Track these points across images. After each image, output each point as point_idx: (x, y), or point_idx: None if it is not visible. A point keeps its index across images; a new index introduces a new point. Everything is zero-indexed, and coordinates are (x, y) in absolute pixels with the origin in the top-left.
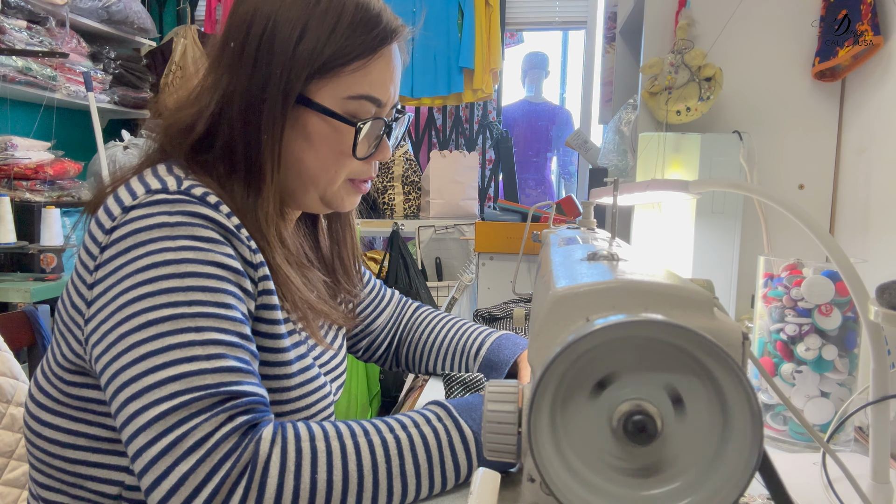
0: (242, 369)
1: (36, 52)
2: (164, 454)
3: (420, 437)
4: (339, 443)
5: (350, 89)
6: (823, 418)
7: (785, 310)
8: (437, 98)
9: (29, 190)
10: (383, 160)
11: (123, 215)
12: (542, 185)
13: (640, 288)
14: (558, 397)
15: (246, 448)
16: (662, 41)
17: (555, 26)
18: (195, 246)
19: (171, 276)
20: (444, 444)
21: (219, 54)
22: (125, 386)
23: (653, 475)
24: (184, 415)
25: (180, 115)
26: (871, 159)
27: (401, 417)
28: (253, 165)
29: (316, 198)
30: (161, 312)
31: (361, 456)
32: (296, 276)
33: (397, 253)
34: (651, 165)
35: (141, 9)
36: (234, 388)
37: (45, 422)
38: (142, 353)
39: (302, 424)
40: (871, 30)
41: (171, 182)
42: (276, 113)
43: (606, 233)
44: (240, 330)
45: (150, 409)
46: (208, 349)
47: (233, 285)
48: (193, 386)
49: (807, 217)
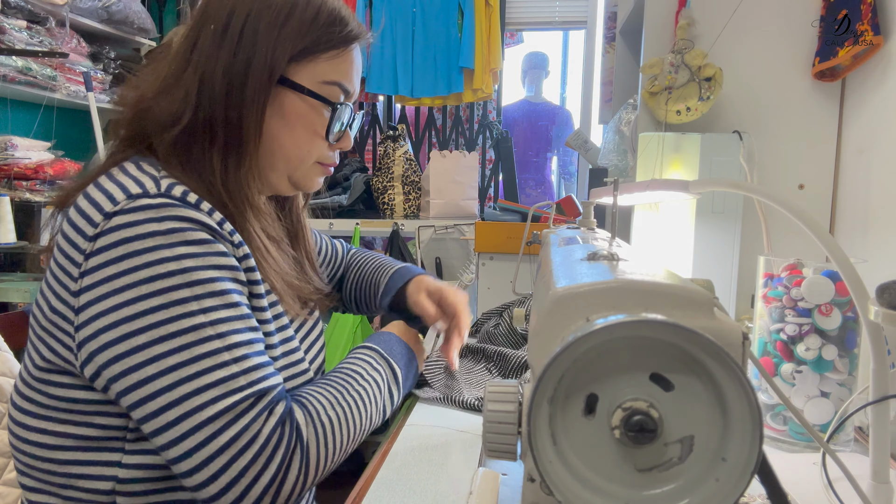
0: (264, 364)
1: (36, 52)
2: (220, 453)
3: (374, 381)
4: (343, 404)
5: (326, 74)
6: (823, 418)
7: (785, 310)
8: (437, 98)
9: (29, 190)
10: (346, 149)
11: (106, 222)
12: (542, 185)
13: (640, 288)
14: (558, 397)
15: (291, 436)
16: (662, 41)
17: (555, 26)
18: (192, 252)
19: (179, 286)
20: (389, 381)
21: (194, 37)
22: (157, 395)
23: (653, 475)
24: (231, 416)
25: (163, 103)
26: (871, 159)
27: (354, 367)
28: (232, 141)
29: (285, 177)
30: (181, 324)
31: (360, 409)
32: (273, 248)
33: (397, 253)
34: (651, 165)
35: (141, 9)
36: (264, 385)
37: (32, 426)
38: (171, 364)
39: (311, 397)
40: (871, 30)
41: (149, 183)
42: (259, 90)
43: (606, 233)
44: (250, 325)
45: (194, 413)
46: (233, 353)
47: (233, 282)
48: (231, 389)
49: (807, 217)
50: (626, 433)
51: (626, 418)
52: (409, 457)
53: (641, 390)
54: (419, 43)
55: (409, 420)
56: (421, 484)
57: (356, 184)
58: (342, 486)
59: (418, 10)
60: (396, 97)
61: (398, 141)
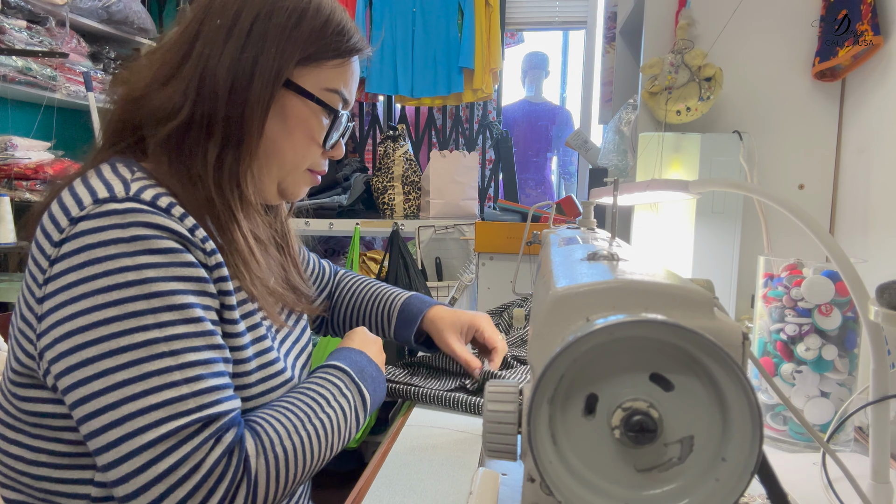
0: (219, 386)
1: (36, 52)
2: (157, 481)
3: (340, 409)
4: (303, 433)
5: (330, 82)
6: (823, 418)
7: (785, 310)
8: (437, 98)
9: (29, 190)
10: (337, 158)
11: (72, 227)
12: (542, 185)
13: (640, 288)
14: (558, 397)
15: (238, 467)
16: (662, 41)
17: (555, 26)
18: (155, 262)
19: (136, 297)
20: (357, 408)
21: (194, 32)
22: (101, 412)
23: (653, 475)
24: (173, 442)
25: (160, 95)
26: (871, 159)
27: (320, 391)
28: (232, 138)
29: (275, 183)
30: (134, 338)
31: (320, 439)
32: (258, 251)
33: (397, 253)
34: (651, 165)
35: (141, 9)
36: (215, 410)
37: (10, 438)
38: (118, 381)
39: (267, 424)
40: (871, 30)
41: (118, 187)
42: (264, 89)
43: (606, 233)
44: (212, 342)
45: (135, 436)
46: (186, 372)
47: (198, 295)
48: (178, 412)
49: (807, 217)
50: (626, 433)
51: (626, 418)
52: (409, 457)
53: (641, 390)
54: (419, 43)
55: (409, 420)
56: (421, 484)
57: (356, 184)
58: (342, 487)
59: (418, 10)
60: (396, 97)
61: (398, 141)
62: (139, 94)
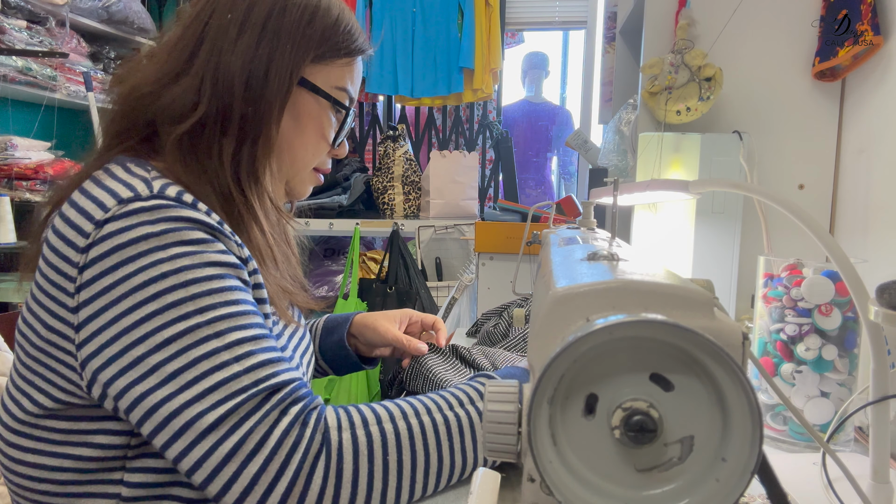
0: (272, 360)
1: (36, 52)
2: (228, 460)
3: (466, 416)
4: (405, 423)
5: (339, 80)
6: (823, 418)
7: (785, 310)
8: (437, 98)
9: (29, 190)
10: (340, 157)
11: (98, 231)
12: (542, 185)
13: (640, 288)
14: (558, 397)
15: (313, 438)
16: (662, 41)
17: (555, 26)
18: (187, 251)
19: (173, 287)
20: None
21: (201, 28)
22: (158, 407)
23: (653, 475)
24: (234, 420)
25: (172, 92)
26: (871, 159)
27: (447, 396)
28: (248, 133)
29: (283, 183)
30: (176, 327)
31: (427, 436)
32: (275, 248)
33: (397, 253)
34: (651, 165)
35: (141, 9)
36: (273, 382)
37: (27, 447)
38: (169, 373)
39: (363, 406)
40: (871, 30)
41: (140, 186)
42: (281, 85)
43: (606, 233)
44: (255, 320)
45: (195, 422)
46: (234, 351)
47: (234, 279)
48: (233, 391)
49: (807, 217)
50: (626, 433)
51: (626, 418)
52: None
53: (641, 390)
54: (419, 43)
55: None
56: None
57: (356, 184)
58: None
59: (418, 10)
60: (396, 97)
61: (398, 141)
62: (146, 92)
